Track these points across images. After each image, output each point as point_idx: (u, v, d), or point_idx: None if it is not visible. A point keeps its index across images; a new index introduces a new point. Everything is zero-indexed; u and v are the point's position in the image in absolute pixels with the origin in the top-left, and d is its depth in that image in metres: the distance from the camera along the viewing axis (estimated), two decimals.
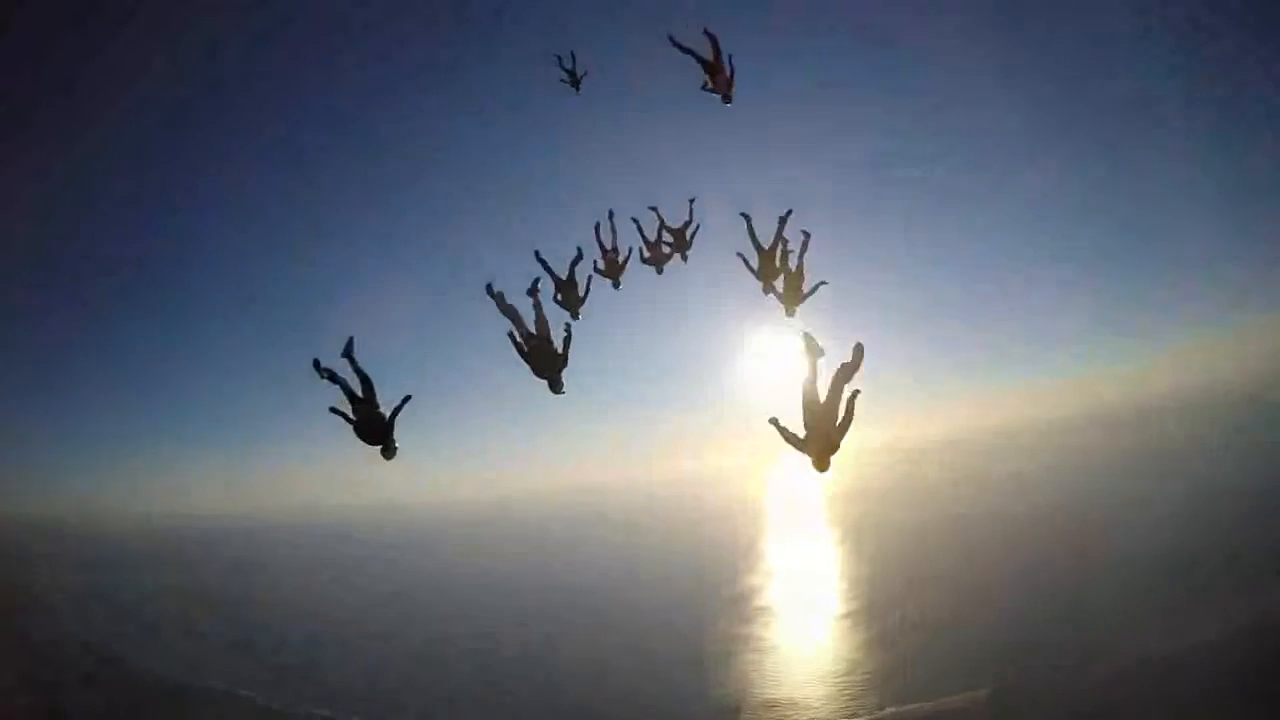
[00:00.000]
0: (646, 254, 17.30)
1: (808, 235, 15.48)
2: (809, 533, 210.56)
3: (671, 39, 15.92)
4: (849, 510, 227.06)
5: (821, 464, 12.64)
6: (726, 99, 16.18)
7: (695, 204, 17.29)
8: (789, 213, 15.45)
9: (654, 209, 17.21)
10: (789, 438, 12.30)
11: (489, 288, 13.66)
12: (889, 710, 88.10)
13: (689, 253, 17.55)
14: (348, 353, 12.89)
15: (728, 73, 16.11)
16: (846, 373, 11.93)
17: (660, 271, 17.45)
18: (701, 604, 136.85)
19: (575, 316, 15.10)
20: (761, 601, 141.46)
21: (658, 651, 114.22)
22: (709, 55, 15.99)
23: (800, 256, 15.48)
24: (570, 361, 13.72)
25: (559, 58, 22.02)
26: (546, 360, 13.65)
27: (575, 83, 22.36)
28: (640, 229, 17.26)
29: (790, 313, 15.45)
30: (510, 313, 13.79)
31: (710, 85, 16.34)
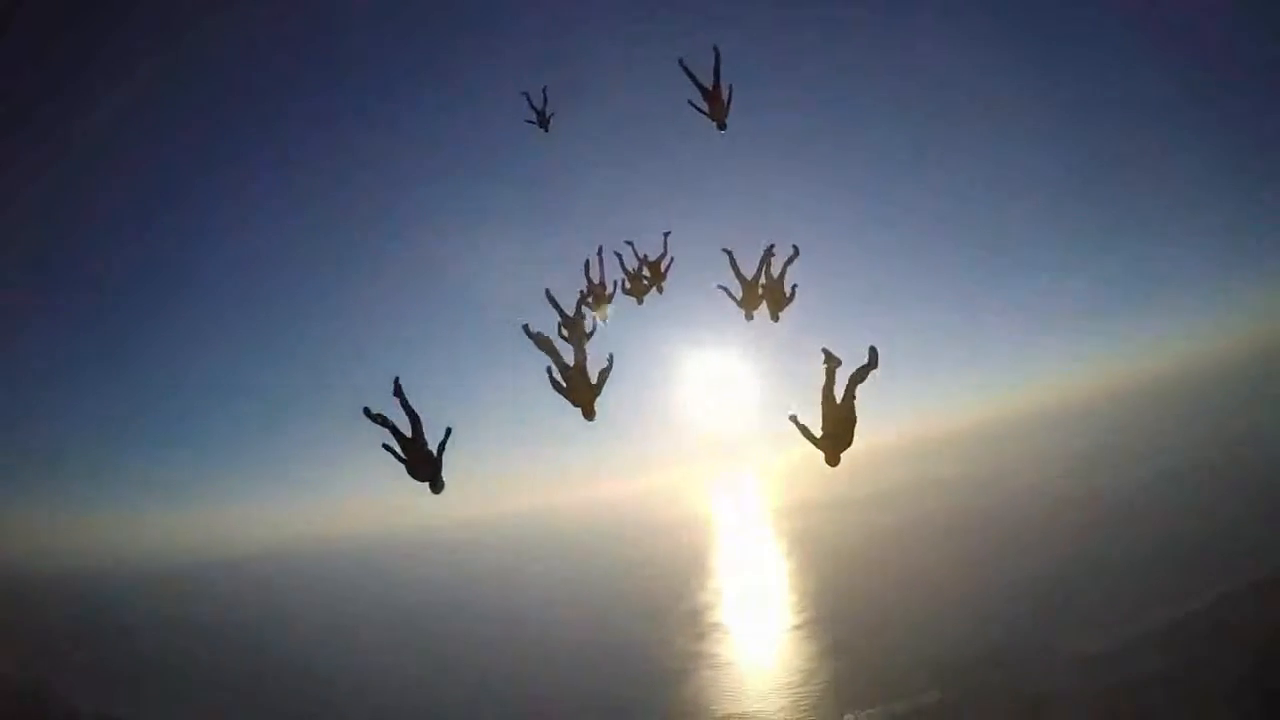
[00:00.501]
0: (627, 285, 17.92)
1: (796, 250, 16.08)
2: (756, 547, 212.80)
3: (681, 62, 16.47)
4: (794, 523, 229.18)
5: (834, 459, 13.22)
6: (721, 125, 16.66)
7: (669, 237, 18.00)
8: (772, 246, 16.14)
9: (630, 243, 17.85)
10: (807, 435, 13.03)
11: (526, 329, 13.98)
12: (846, 717, 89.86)
13: (665, 284, 18.24)
14: (398, 393, 13.12)
15: (725, 99, 16.56)
16: (862, 375, 12.75)
17: (640, 302, 18.04)
18: (655, 622, 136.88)
19: (582, 353, 14.97)
20: (714, 617, 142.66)
21: (613, 671, 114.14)
22: (709, 82, 16.45)
23: (784, 269, 16.14)
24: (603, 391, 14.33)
25: (527, 95, 20.97)
26: (583, 391, 14.15)
27: (544, 123, 21.16)
28: (622, 262, 17.83)
29: (775, 318, 16.26)
30: (548, 348, 14.10)
31: (707, 111, 16.73)
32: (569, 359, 14.35)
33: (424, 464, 13.44)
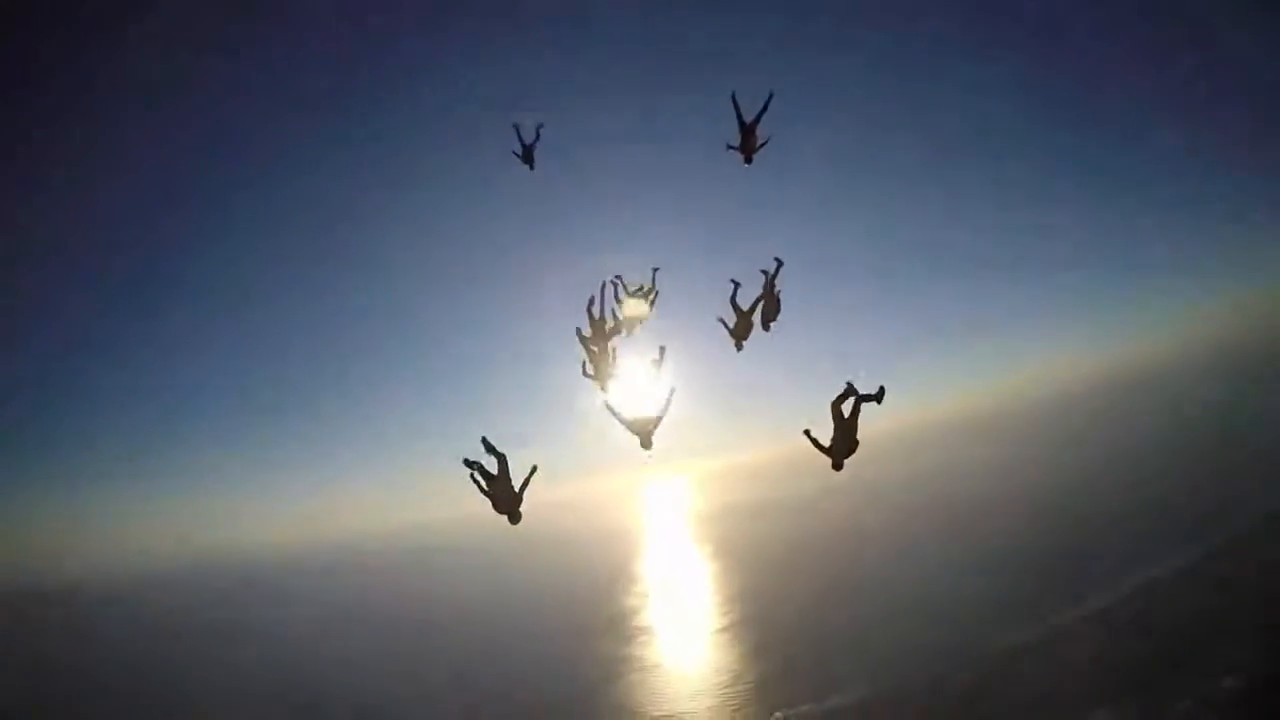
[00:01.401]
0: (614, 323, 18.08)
1: (780, 262, 17.14)
2: (683, 552, 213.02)
3: (734, 97, 16.89)
4: (721, 528, 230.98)
5: (839, 465, 14.97)
6: (747, 160, 17.15)
7: (658, 273, 18.40)
8: (779, 268, 17.36)
9: (618, 278, 18.13)
10: (818, 446, 14.79)
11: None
12: (776, 716, 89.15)
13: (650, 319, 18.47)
14: (485, 442, 15.51)
15: (759, 140, 17.16)
16: (867, 400, 14.50)
17: (629, 335, 18.34)
18: (581, 628, 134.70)
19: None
20: (640, 621, 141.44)
21: (539, 679, 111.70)
22: (750, 118, 16.95)
23: (773, 281, 17.17)
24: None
25: (517, 128, 20.17)
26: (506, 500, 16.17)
27: (529, 159, 20.26)
28: (616, 293, 18.24)
29: (766, 328, 17.26)
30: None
31: (738, 145, 17.21)
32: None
33: (507, 500, 16.00)
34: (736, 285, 17.27)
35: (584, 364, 16.82)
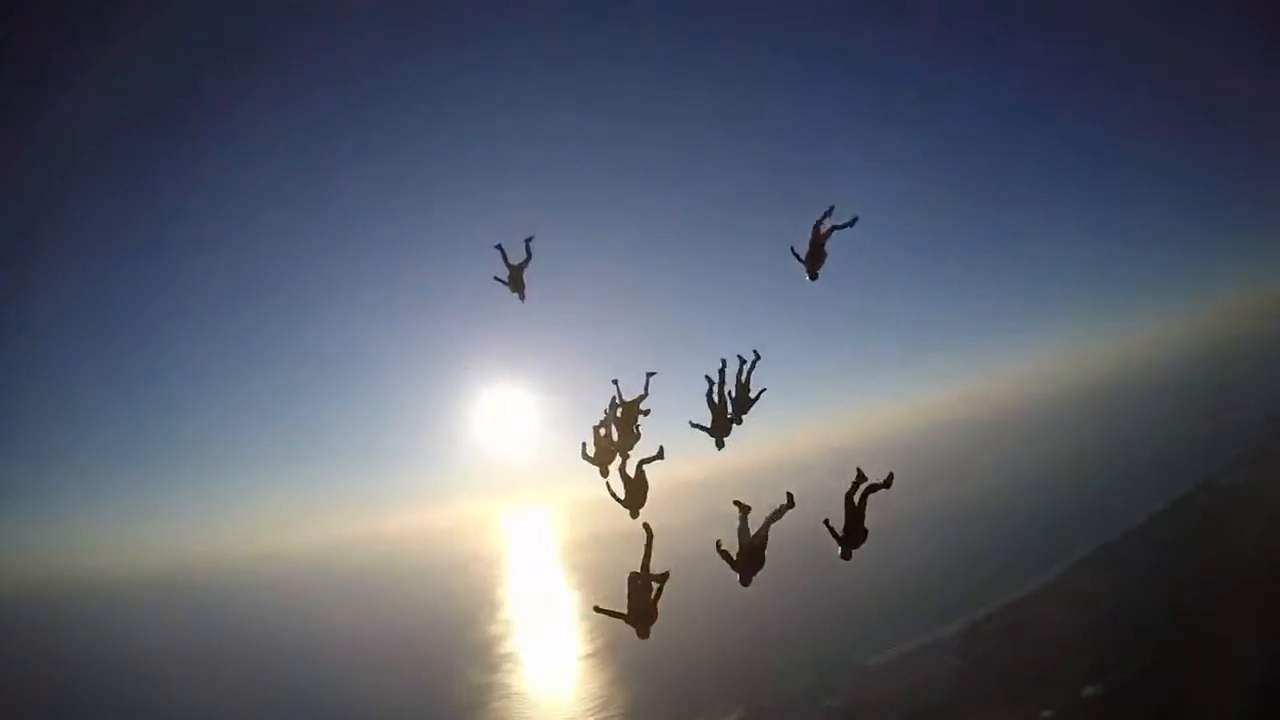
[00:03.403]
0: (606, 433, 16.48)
1: (758, 356, 15.81)
2: (547, 579, 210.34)
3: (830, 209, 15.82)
4: (586, 555, 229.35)
5: (849, 556, 14.43)
6: (813, 276, 15.96)
7: (652, 379, 16.59)
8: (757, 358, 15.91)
9: (615, 382, 16.38)
10: (835, 536, 14.19)
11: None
12: None
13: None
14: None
15: (825, 250, 15.87)
16: (876, 489, 14.08)
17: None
18: (444, 656, 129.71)
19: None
20: (505, 648, 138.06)
21: (404, 707, 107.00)
22: (824, 234, 15.76)
23: (749, 374, 15.83)
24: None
25: (501, 249, 17.40)
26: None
27: (519, 286, 17.48)
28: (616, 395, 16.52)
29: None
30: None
31: (803, 258, 15.90)
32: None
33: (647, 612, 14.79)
34: (720, 373, 15.78)
35: (584, 446, 15.76)
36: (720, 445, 15.92)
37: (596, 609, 14.75)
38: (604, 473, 15.61)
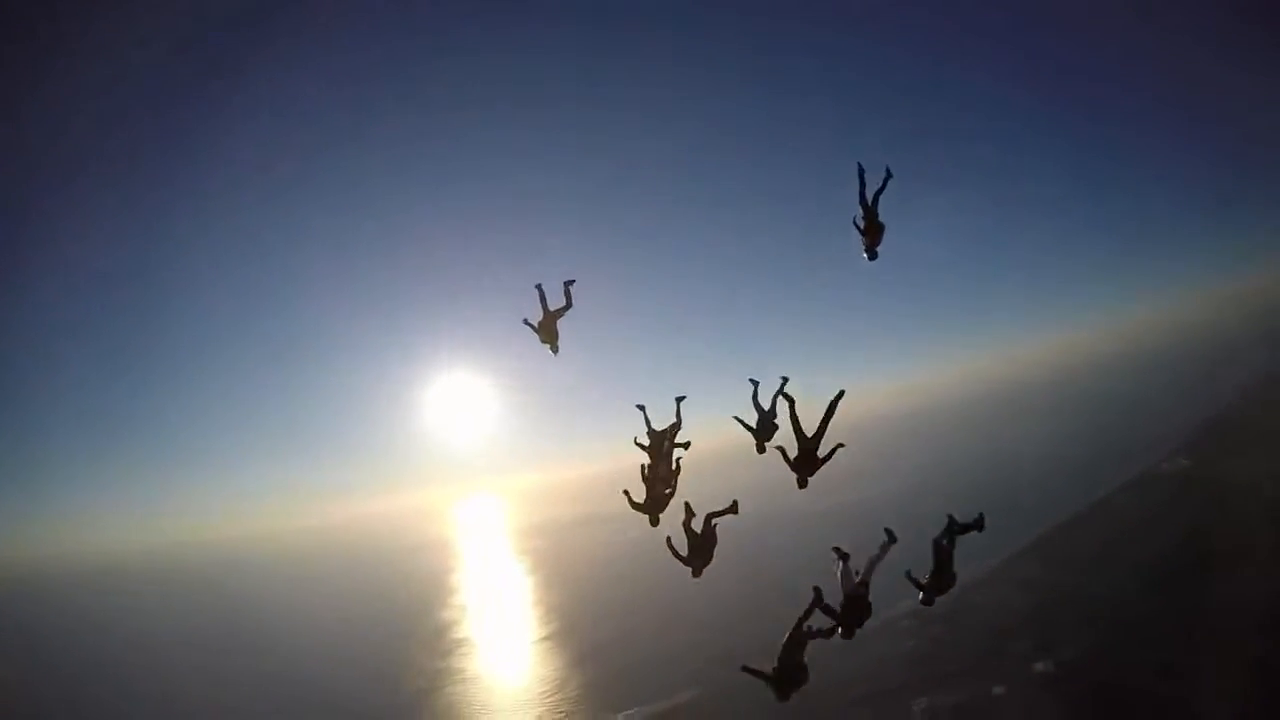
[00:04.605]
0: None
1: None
2: (501, 565, 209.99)
3: (860, 169, 14.51)
4: (539, 541, 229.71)
5: (930, 601, 14.00)
6: (872, 255, 14.87)
7: (683, 403, 15.14)
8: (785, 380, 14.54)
9: (641, 407, 15.05)
10: (916, 585, 13.87)
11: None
12: None
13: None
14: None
15: (880, 230, 14.82)
16: (966, 530, 13.94)
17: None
18: (399, 642, 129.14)
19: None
20: (460, 633, 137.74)
21: (359, 695, 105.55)
22: (870, 197, 14.67)
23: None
24: None
25: (541, 291, 15.38)
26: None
27: (552, 337, 15.38)
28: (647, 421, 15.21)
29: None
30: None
31: (862, 229, 14.81)
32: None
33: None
34: (756, 383, 14.63)
35: (628, 495, 14.50)
36: (762, 450, 14.49)
37: (744, 669, 13.35)
38: (654, 522, 14.57)
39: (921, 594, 13.62)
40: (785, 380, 14.32)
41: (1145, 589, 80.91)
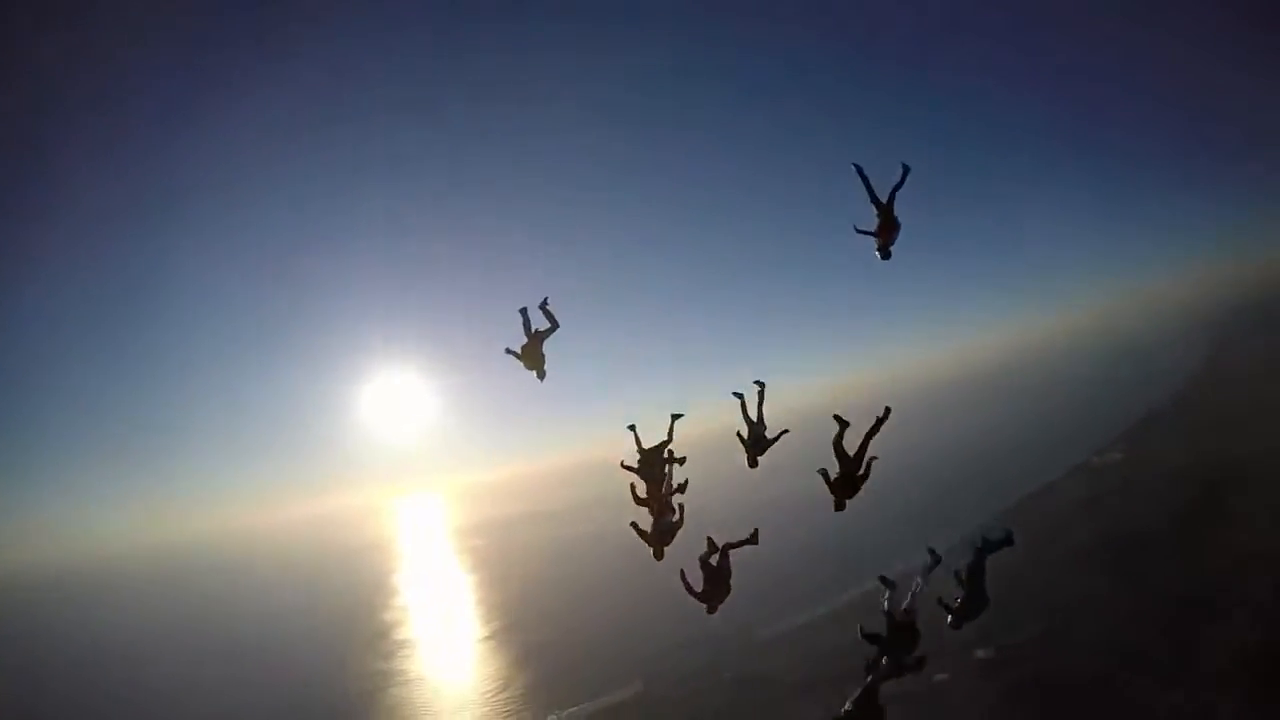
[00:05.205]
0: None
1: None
2: (441, 564, 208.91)
3: (859, 169, 13.86)
4: (479, 540, 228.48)
5: (959, 626, 13.61)
6: (885, 255, 14.31)
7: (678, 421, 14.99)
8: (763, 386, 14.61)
9: (632, 427, 14.76)
10: (947, 608, 13.52)
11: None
12: (550, 718, 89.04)
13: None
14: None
15: (896, 228, 14.15)
16: (997, 548, 13.74)
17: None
18: (341, 646, 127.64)
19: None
20: (402, 634, 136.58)
21: (302, 702, 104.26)
22: (885, 196, 13.93)
23: (760, 409, 14.54)
24: None
25: (525, 314, 14.98)
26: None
27: (538, 363, 15.04)
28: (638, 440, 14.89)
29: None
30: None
31: (872, 230, 14.14)
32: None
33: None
34: (743, 396, 14.55)
35: (635, 525, 13.78)
36: (754, 465, 14.44)
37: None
38: (659, 555, 13.93)
39: (951, 618, 13.23)
40: (762, 385, 14.44)
41: (1083, 575, 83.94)
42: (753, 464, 14.49)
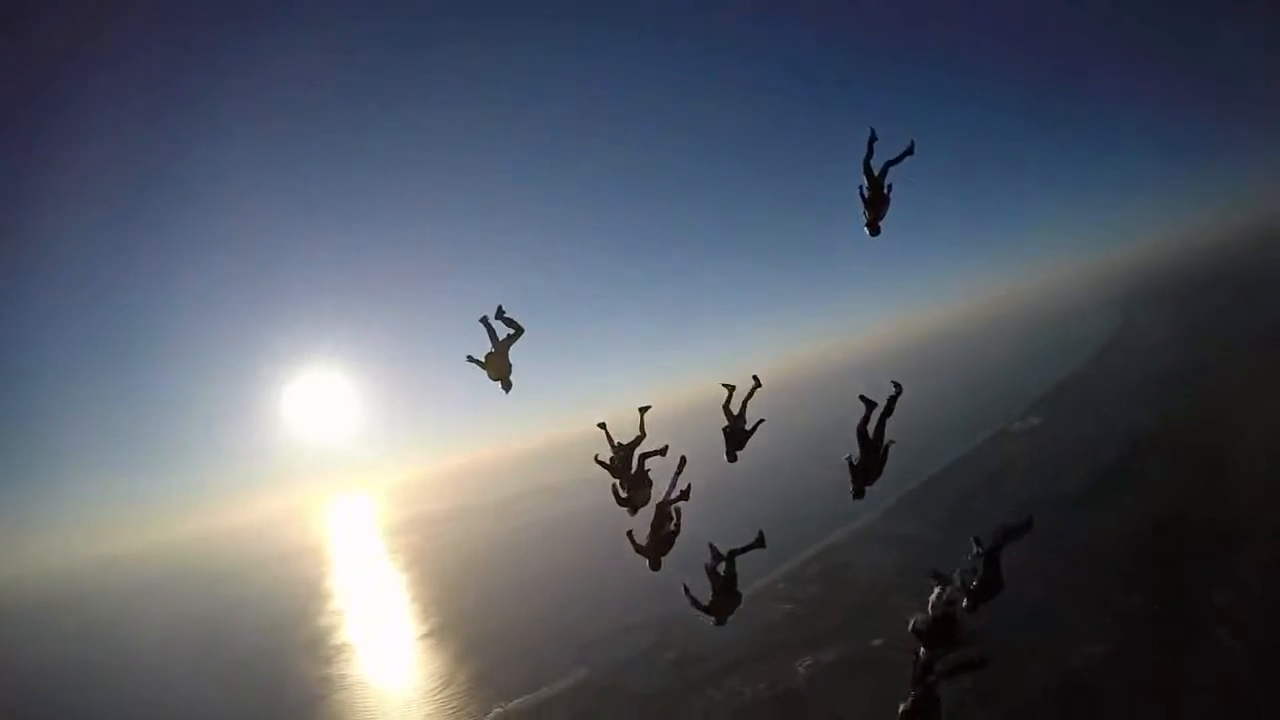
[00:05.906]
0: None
1: (758, 382, 14.40)
2: (374, 564, 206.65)
3: (872, 133, 13.35)
4: (412, 537, 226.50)
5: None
6: (875, 231, 14.10)
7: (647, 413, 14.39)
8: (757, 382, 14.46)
9: (602, 425, 14.16)
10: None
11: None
12: (496, 710, 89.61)
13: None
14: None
15: (886, 205, 13.96)
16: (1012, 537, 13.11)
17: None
18: (277, 654, 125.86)
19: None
20: (339, 639, 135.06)
21: (242, 708, 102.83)
22: (878, 169, 13.68)
23: (745, 403, 14.39)
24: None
25: (487, 323, 14.11)
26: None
27: (504, 373, 14.02)
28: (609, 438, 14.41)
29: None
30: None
31: (865, 212, 14.00)
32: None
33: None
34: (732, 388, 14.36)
35: (631, 535, 13.29)
36: (732, 458, 14.35)
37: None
38: (655, 566, 13.67)
39: (966, 601, 12.73)
40: (733, 388, 14.14)
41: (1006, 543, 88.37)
42: (731, 459, 14.34)
